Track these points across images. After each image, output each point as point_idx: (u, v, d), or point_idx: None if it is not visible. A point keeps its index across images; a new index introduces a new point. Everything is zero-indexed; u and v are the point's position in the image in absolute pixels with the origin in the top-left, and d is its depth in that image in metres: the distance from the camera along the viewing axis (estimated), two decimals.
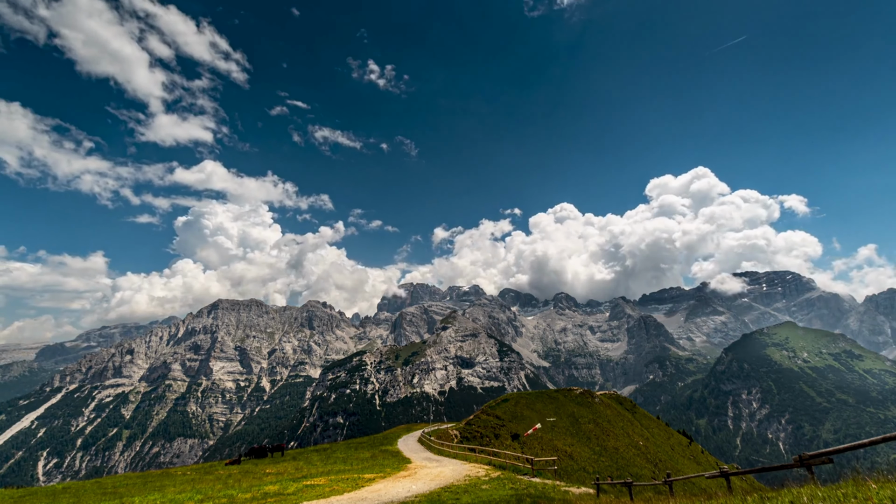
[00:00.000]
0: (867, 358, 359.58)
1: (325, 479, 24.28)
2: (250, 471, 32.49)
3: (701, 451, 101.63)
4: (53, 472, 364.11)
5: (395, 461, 34.02)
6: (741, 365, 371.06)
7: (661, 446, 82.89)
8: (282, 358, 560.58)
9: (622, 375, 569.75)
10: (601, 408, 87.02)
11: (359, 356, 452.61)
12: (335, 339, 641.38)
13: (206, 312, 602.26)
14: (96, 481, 33.17)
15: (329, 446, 58.55)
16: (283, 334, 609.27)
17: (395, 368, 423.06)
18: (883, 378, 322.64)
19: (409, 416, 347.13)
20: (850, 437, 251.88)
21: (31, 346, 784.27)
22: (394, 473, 26.20)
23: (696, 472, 72.18)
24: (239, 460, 41.45)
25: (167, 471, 38.01)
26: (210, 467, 38.33)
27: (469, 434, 56.65)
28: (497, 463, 33.08)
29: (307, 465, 35.20)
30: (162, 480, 30.51)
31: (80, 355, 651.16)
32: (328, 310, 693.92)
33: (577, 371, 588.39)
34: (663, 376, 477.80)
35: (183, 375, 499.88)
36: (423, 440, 52.83)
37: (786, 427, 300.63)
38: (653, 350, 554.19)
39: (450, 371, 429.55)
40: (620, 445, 69.96)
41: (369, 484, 22.00)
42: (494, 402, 79.18)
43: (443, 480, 22.82)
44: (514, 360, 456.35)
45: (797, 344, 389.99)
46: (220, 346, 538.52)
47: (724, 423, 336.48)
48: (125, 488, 27.80)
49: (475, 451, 40.51)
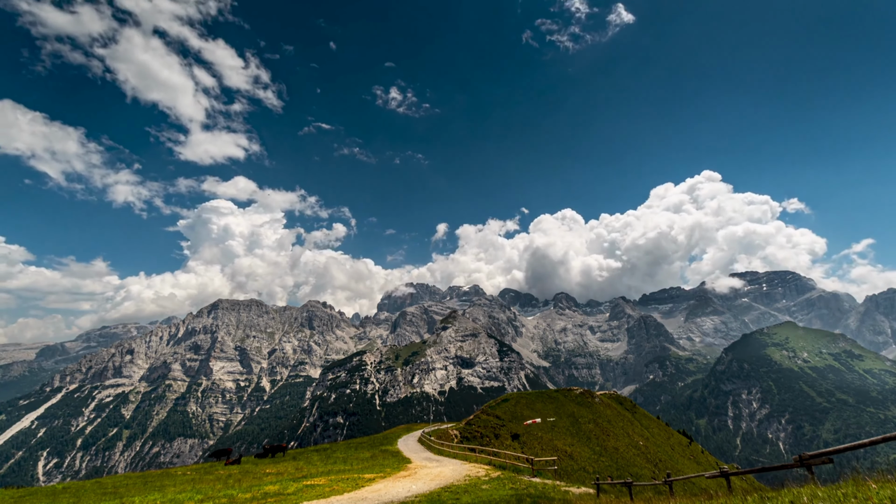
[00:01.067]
0: (867, 358, 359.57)
1: (325, 479, 24.28)
2: (250, 471, 32.49)
3: (701, 451, 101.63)
4: (53, 472, 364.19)
5: (395, 461, 34.03)
6: (741, 365, 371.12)
7: (661, 446, 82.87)
8: (282, 358, 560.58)
9: (622, 375, 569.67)
10: (601, 408, 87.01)
11: (359, 356, 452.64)
12: (335, 339, 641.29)
13: (206, 312, 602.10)
14: (96, 481, 33.16)
15: (329, 446, 58.55)
16: (283, 334, 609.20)
17: (395, 368, 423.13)
18: (883, 378, 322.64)
19: (409, 416, 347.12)
20: (850, 437, 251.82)
21: (31, 346, 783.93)
22: (394, 473, 26.21)
23: (696, 472, 72.14)
24: (239, 460, 41.40)
25: (167, 471, 38.01)
26: (210, 467, 38.32)
27: (469, 434, 56.65)
28: (497, 463, 33.09)
29: (307, 465, 35.20)
30: (162, 480, 30.51)
31: (81, 355, 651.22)
32: (328, 310, 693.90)
33: (577, 371, 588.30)
34: (663, 376, 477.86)
35: (183, 375, 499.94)
36: (423, 440, 52.82)
37: (786, 427, 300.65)
38: (653, 350, 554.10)
39: (450, 371, 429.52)
40: (620, 445, 69.95)
41: (369, 484, 22.01)
42: (494, 402, 79.19)
43: (443, 480, 22.83)
44: (514, 360, 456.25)
45: (797, 344, 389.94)
46: (220, 346, 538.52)
47: (724, 423, 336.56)
48: (125, 488, 27.81)
49: (475, 451, 40.51)
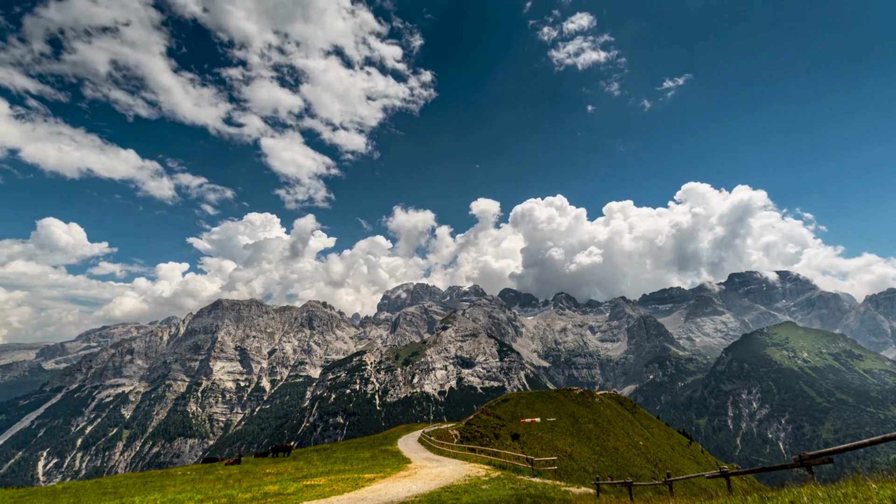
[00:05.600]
0: (867, 358, 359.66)
1: (325, 479, 24.29)
2: (250, 471, 32.50)
3: (701, 451, 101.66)
4: (53, 472, 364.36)
5: (395, 461, 34.03)
6: (741, 365, 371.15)
7: (661, 446, 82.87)
8: (282, 358, 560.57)
9: (622, 375, 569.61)
10: (601, 408, 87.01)
11: (359, 356, 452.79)
12: (335, 339, 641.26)
13: (206, 312, 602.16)
14: (96, 481, 33.18)
15: (329, 446, 58.57)
16: (283, 334, 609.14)
17: (395, 368, 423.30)
18: (883, 378, 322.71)
19: (409, 416, 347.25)
20: (850, 437, 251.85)
21: (31, 346, 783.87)
22: (394, 473, 26.21)
23: (696, 472, 72.13)
24: (239, 460, 41.43)
25: (167, 471, 38.03)
26: (210, 467, 38.34)
27: (469, 434, 56.66)
28: (497, 463, 33.10)
29: (307, 464, 35.21)
30: (162, 480, 30.51)
31: (80, 355, 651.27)
32: (328, 310, 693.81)
33: (577, 371, 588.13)
34: (663, 376, 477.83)
35: (183, 375, 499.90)
36: (423, 440, 52.82)
37: (786, 427, 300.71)
38: (653, 350, 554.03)
39: (450, 371, 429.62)
40: (620, 445, 69.95)
41: (369, 484, 22.01)
42: (494, 402, 79.19)
43: (443, 480, 22.83)
44: (514, 360, 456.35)
45: (797, 344, 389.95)
46: (221, 346, 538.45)
47: (724, 423, 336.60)
48: (125, 488, 27.81)
49: (475, 451, 40.51)
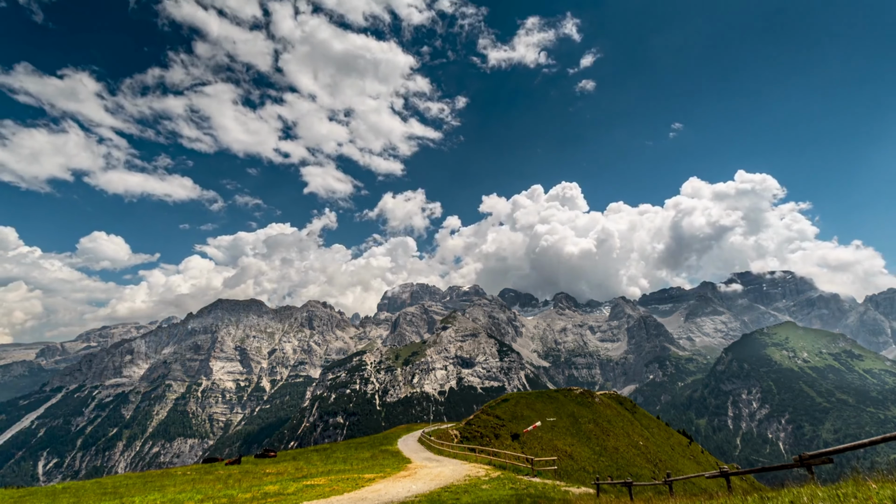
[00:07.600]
0: (867, 358, 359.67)
1: (325, 479, 24.29)
2: (250, 471, 32.49)
3: (701, 451, 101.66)
4: (53, 472, 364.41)
5: (395, 461, 34.02)
6: (741, 365, 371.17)
7: (661, 446, 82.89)
8: (282, 358, 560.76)
9: (622, 375, 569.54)
10: (601, 408, 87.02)
11: (359, 356, 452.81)
12: (335, 339, 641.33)
13: (206, 312, 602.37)
14: (96, 481, 33.18)
15: (329, 446, 58.58)
16: (283, 334, 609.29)
17: (395, 368, 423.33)
18: (883, 378, 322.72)
19: (409, 416, 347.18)
20: (850, 437, 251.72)
21: (31, 346, 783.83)
22: (394, 473, 26.21)
23: (696, 472, 72.13)
24: (239, 460, 41.41)
25: (167, 471, 38.02)
26: (210, 467, 38.33)
27: (469, 434, 56.65)
28: (497, 463, 33.09)
29: (307, 465, 35.21)
30: (162, 480, 30.50)
31: (80, 355, 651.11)
32: (328, 310, 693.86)
33: (577, 371, 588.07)
34: (663, 376, 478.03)
35: (183, 375, 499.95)
36: (423, 440, 52.82)
37: (786, 427, 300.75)
38: (653, 350, 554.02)
39: (450, 371, 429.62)
40: (620, 445, 69.96)
41: (369, 484, 22.01)
42: (494, 402, 79.16)
43: (443, 480, 22.83)
44: (514, 360, 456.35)
45: (797, 344, 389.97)
46: (220, 346, 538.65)
47: (724, 423, 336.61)
48: (125, 488, 27.80)
49: (475, 451, 40.50)
